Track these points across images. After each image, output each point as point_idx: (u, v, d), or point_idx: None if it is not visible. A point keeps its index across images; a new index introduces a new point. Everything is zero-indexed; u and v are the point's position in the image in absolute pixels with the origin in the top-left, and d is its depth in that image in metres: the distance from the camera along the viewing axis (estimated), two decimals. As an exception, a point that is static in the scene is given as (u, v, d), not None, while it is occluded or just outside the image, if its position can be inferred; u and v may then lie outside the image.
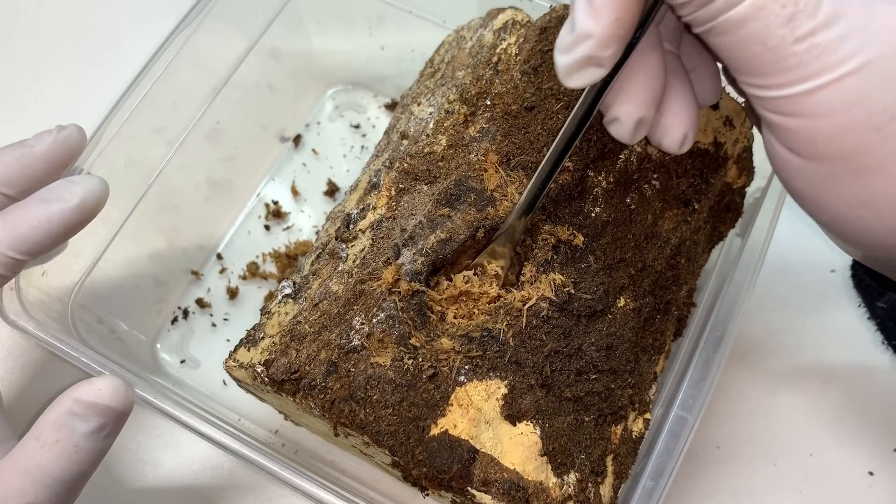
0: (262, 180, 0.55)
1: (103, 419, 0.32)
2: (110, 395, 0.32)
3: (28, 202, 0.36)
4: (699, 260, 0.42)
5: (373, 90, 0.58)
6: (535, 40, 0.40)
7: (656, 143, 0.33)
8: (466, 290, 0.36)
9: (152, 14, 0.60)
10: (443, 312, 0.36)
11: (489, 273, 0.36)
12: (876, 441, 0.48)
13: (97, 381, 0.33)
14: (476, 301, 0.36)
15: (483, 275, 0.36)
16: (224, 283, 0.52)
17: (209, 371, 0.49)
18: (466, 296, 0.36)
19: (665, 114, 0.32)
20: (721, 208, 0.43)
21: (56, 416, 0.32)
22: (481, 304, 0.36)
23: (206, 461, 0.47)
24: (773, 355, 0.50)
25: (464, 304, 0.36)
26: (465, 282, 0.36)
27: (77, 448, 0.32)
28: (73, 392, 0.32)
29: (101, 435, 0.33)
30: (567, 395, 0.36)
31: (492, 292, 0.36)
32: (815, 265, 0.52)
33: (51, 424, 0.32)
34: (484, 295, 0.36)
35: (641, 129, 0.31)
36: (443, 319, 0.36)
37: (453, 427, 0.34)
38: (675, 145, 0.32)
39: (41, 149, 0.37)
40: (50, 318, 0.41)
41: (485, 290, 0.36)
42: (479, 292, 0.36)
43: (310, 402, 0.35)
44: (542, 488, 0.34)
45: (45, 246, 0.36)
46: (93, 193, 0.36)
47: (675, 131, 0.32)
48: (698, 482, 0.47)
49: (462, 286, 0.36)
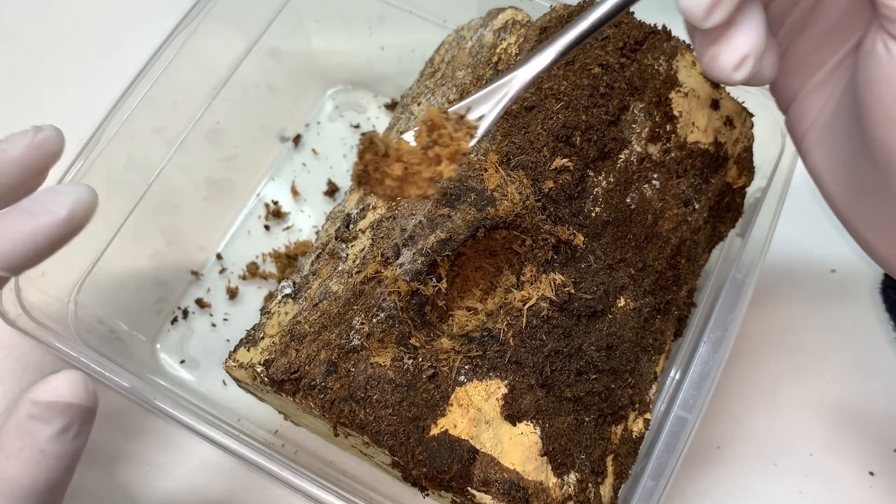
0: (262, 180, 0.55)
1: (66, 418, 0.30)
2: (69, 391, 0.30)
3: (11, 214, 0.32)
4: (699, 260, 0.42)
5: (373, 90, 0.58)
6: (535, 40, 0.40)
7: (708, 61, 0.29)
8: (438, 126, 0.29)
9: (152, 14, 0.60)
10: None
11: (467, 122, 0.30)
12: (876, 441, 0.48)
13: (52, 378, 0.30)
14: (442, 148, 0.29)
15: (460, 121, 0.30)
16: (224, 284, 0.52)
17: (209, 371, 0.49)
18: (434, 135, 0.29)
19: (731, 26, 0.28)
20: (721, 208, 0.43)
21: (16, 422, 0.30)
22: (446, 151, 0.29)
23: (205, 461, 0.47)
24: (774, 355, 0.50)
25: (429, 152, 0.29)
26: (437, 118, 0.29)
27: (44, 454, 0.29)
28: (30, 394, 0.30)
29: (67, 437, 0.30)
30: (567, 395, 0.36)
31: (463, 145, 0.29)
32: (815, 265, 0.52)
33: (12, 432, 0.29)
34: (452, 142, 0.29)
35: (719, 9, 0.27)
36: None
37: (453, 427, 0.34)
38: (730, 66, 0.29)
39: (16, 153, 0.33)
40: (50, 318, 0.41)
41: (456, 137, 0.29)
42: (449, 135, 0.29)
43: (310, 402, 0.35)
44: (543, 488, 0.34)
45: (31, 261, 0.32)
46: (81, 204, 0.32)
47: (736, 48, 0.28)
48: (698, 482, 0.47)
49: (435, 118, 0.29)
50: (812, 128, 0.33)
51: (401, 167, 0.29)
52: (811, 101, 0.33)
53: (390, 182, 0.29)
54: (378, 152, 0.28)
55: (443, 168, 0.29)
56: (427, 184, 0.29)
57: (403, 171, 0.29)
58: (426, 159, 0.29)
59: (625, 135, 0.39)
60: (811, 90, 0.33)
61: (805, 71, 0.33)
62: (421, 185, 0.29)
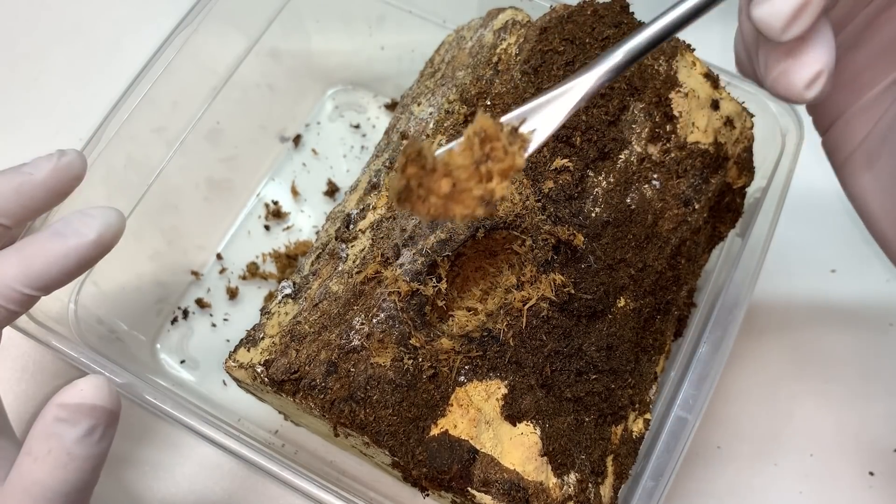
0: (262, 180, 0.55)
1: (92, 420, 0.31)
2: (94, 394, 0.31)
3: (43, 236, 0.34)
4: (699, 260, 0.42)
5: (373, 90, 0.58)
6: (535, 40, 0.40)
7: (776, 78, 0.27)
8: (491, 137, 0.26)
9: (152, 14, 0.60)
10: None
11: (521, 135, 0.27)
12: (876, 441, 0.48)
13: (79, 382, 0.31)
14: (495, 163, 0.26)
15: (513, 133, 0.26)
16: (224, 284, 0.52)
17: (209, 371, 0.49)
18: (487, 148, 0.26)
19: (803, 40, 0.26)
20: (721, 208, 0.43)
21: (43, 426, 0.31)
22: (499, 167, 0.26)
23: (205, 461, 0.47)
24: (774, 355, 0.50)
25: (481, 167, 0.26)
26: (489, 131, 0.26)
27: (71, 456, 0.30)
28: (56, 399, 0.31)
29: (93, 438, 0.31)
30: (567, 395, 0.36)
31: (518, 160, 0.26)
32: (815, 265, 0.52)
33: (40, 436, 0.30)
34: (506, 157, 0.26)
35: (800, 21, 0.25)
36: None
37: (453, 427, 0.34)
38: (802, 83, 0.27)
39: (40, 177, 0.35)
40: (50, 318, 0.41)
41: (511, 151, 0.26)
42: (503, 148, 0.26)
43: (310, 403, 0.35)
44: (543, 488, 0.34)
45: (61, 282, 0.34)
46: (110, 227, 0.34)
47: (810, 65, 0.26)
48: (699, 482, 0.47)
49: (489, 129, 0.26)
50: (860, 149, 0.32)
51: (449, 183, 0.25)
52: (860, 120, 0.31)
53: (435, 200, 0.26)
54: (425, 165, 0.25)
55: (494, 186, 0.26)
56: (476, 202, 0.26)
57: (451, 187, 0.25)
58: (477, 175, 0.26)
59: (625, 135, 0.39)
60: (861, 109, 0.31)
61: (856, 88, 0.31)
62: (469, 204, 0.26)
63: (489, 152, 0.26)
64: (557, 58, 0.39)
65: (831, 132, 0.33)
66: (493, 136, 0.26)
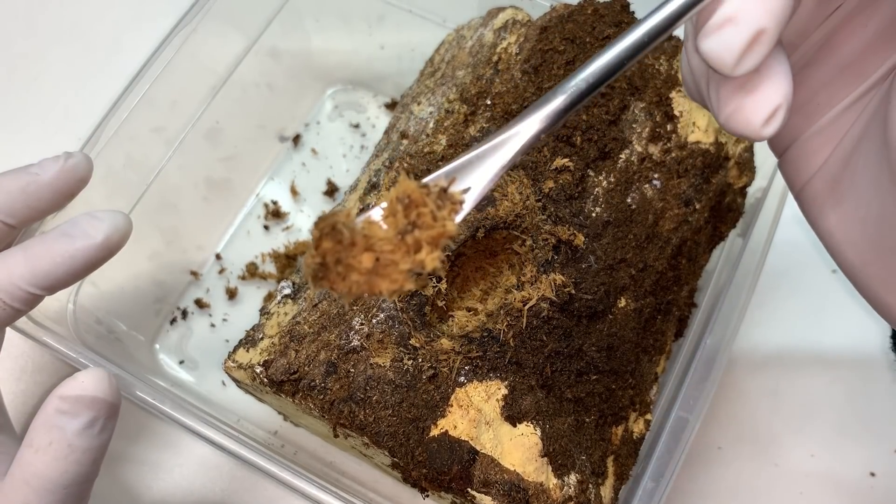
0: (262, 180, 0.55)
1: (93, 412, 0.31)
2: (95, 386, 0.31)
3: (50, 237, 0.34)
4: (700, 260, 0.42)
5: (372, 89, 0.58)
6: (535, 39, 0.40)
7: (729, 115, 0.25)
8: (416, 203, 0.23)
9: (151, 13, 0.60)
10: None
11: (452, 196, 0.23)
12: (877, 442, 0.48)
13: (80, 375, 0.32)
14: (423, 230, 0.23)
15: (443, 196, 0.23)
16: (223, 284, 0.51)
17: (208, 372, 0.49)
18: (413, 215, 0.23)
19: (758, 73, 0.24)
20: (722, 208, 0.43)
21: (45, 417, 0.31)
22: (427, 234, 0.23)
23: (204, 462, 0.47)
24: (775, 356, 0.50)
25: (406, 237, 0.23)
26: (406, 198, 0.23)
27: (72, 447, 0.31)
28: (57, 391, 0.31)
29: (94, 430, 0.31)
30: (568, 395, 0.36)
31: (449, 226, 0.23)
32: (816, 266, 0.52)
33: (41, 427, 0.31)
34: (435, 224, 0.23)
35: (753, 55, 0.23)
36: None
37: (453, 428, 0.34)
38: (759, 120, 0.24)
39: (47, 178, 0.35)
40: (48, 318, 0.41)
41: (440, 217, 0.23)
42: (431, 214, 0.23)
43: (309, 403, 0.35)
44: (543, 489, 0.34)
45: (66, 282, 0.34)
46: (117, 230, 0.35)
47: (767, 100, 0.24)
48: (699, 483, 0.47)
49: (413, 194, 0.23)
50: (819, 174, 0.29)
51: (371, 258, 0.23)
52: (817, 143, 0.29)
53: (356, 277, 0.23)
54: (342, 240, 0.22)
55: (424, 257, 0.23)
56: (404, 276, 0.23)
57: (374, 262, 0.23)
58: (403, 246, 0.23)
59: (625, 134, 0.39)
60: (818, 132, 0.29)
61: (811, 110, 0.29)
62: (396, 279, 0.23)
63: (415, 220, 0.23)
64: (558, 57, 0.39)
65: (787, 156, 0.30)
66: (418, 201, 0.23)
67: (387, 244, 0.23)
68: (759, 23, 0.22)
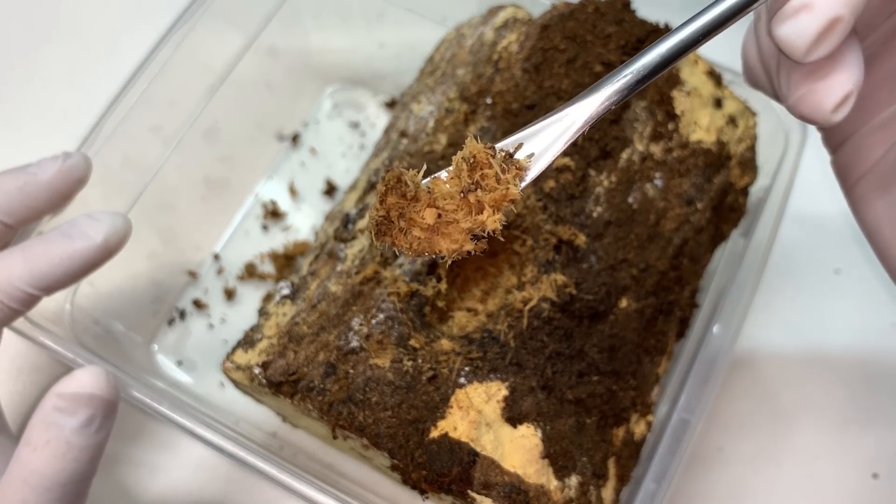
0: (260, 180, 0.55)
1: (90, 410, 0.31)
2: (93, 383, 0.31)
3: (49, 237, 0.34)
4: (702, 260, 0.42)
5: (372, 88, 0.58)
6: (536, 38, 0.39)
7: (799, 99, 0.25)
8: (481, 164, 0.24)
9: (149, 12, 0.60)
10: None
11: (517, 162, 0.24)
12: (880, 443, 0.47)
13: (77, 373, 0.31)
14: (486, 192, 0.24)
15: (508, 160, 0.24)
16: (221, 284, 0.51)
17: (206, 373, 0.49)
18: (477, 176, 0.24)
19: (831, 59, 0.24)
20: (724, 208, 0.43)
21: (42, 415, 0.31)
22: (491, 197, 0.24)
23: (202, 464, 0.47)
24: (777, 357, 0.50)
25: (469, 196, 0.24)
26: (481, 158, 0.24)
27: (69, 445, 0.31)
28: (55, 388, 0.31)
29: (91, 429, 0.31)
30: (568, 396, 0.36)
31: (512, 190, 0.24)
32: (818, 265, 0.52)
33: (38, 425, 0.31)
34: (499, 186, 0.24)
35: (827, 42, 0.23)
36: None
37: (453, 429, 0.34)
38: (830, 105, 0.25)
39: (45, 178, 0.35)
40: (46, 318, 0.41)
41: (504, 181, 0.24)
42: (495, 177, 0.24)
43: (308, 405, 0.34)
44: (544, 491, 0.34)
45: (63, 283, 0.34)
46: (116, 232, 0.35)
47: (839, 86, 0.24)
48: (701, 485, 0.46)
49: (478, 155, 0.24)
50: (872, 172, 0.29)
51: (433, 214, 0.23)
52: (872, 140, 0.29)
53: (418, 233, 0.24)
54: (406, 194, 0.23)
55: (485, 218, 0.23)
56: (464, 237, 0.24)
57: (436, 219, 0.23)
58: (466, 205, 0.24)
59: (627, 133, 0.39)
60: (875, 128, 0.29)
61: (870, 106, 0.29)
62: (456, 238, 0.24)
63: (479, 181, 0.24)
64: (559, 55, 0.38)
65: (841, 151, 0.30)
66: (483, 162, 0.23)
67: (450, 202, 0.23)
68: (835, 10, 0.23)
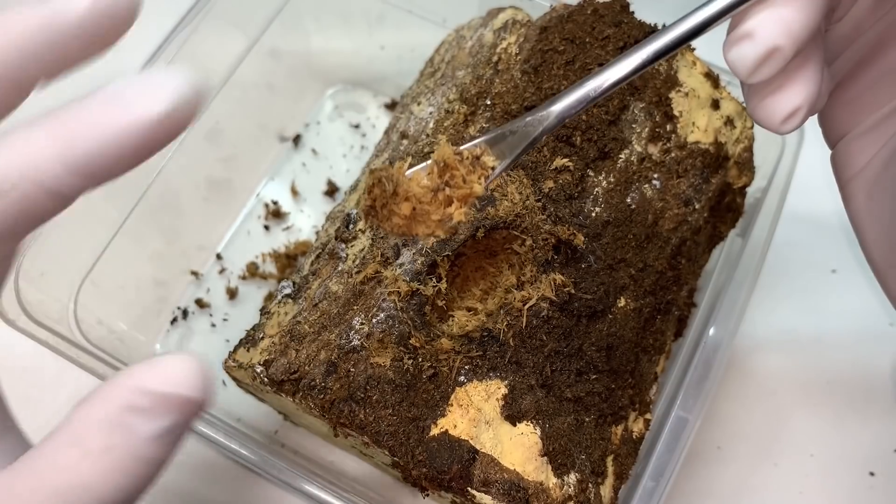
0: (262, 180, 0.55)
1: (177, 416, 0.21)
2: (186, 380, 0.22)
3: (86, 105, 0.23)
4: (700, 260, 0.42)
5: (372, 90, 0.58)
6: (535, 40, 0.40)
7: (754, 108, 0.27)
8: (450, 166, 0.28)
9: (151, 13, 0.60)
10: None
11: (483, 163, 0.28)
12: (877, 442, 0.48)
13: (164, 362, 0.22)
14: (454, 189, 0.28)
15: (475, 162, 0.28)
16: (223, 284, 0.51)
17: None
18: (446, 176, 0.28)
19: (784, 75, 0.26)
20: (722, 208, 0.43)
21: (108, 412, 0.21)
22: (458, 193, 0.28)
23: (204, 462, 0.47)
24: (774, 356, 0.50)
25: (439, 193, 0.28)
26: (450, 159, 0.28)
27: (138, 459, 0.21)
28: (132, 378, 0.22)
29: (169, 440, 0.22)
30: (567, 395, 0.36)
31: (476, 188, 0.28)
32: (815, 265, 0.52)
33: (98, 424, 0.21)
34: (464, 185, 0.28)
35: (766, 68, 0.25)
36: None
37: (453, 427, 0.34)
38: (778, 117, 0.26)
39: (76, 13, 0.24)
40: (49, 318, 0.41)
41: (469, 180, 0.28)
42: (461, 177, 0.28)
43: (309, 403, 0.35)
44: (543, 489, 0.34)
45: (111, 172, 0.24)
46: (183, 98, 0.22)
47: (787, 100, 0.26)
48: (699, 483, 0.47)
49: (448, 159, 0.28)
50: (861, 174, 0.30)
51: (409, 206, 0.28)
52: (862, 143, 0.30)
53: (398, 220, 0.28)
54: (386, 190, 0.28)
55: (453, 211, 0.28)
56: (436, 224, 0.28)
57: (412, 210, 0.28)
58: (436, 200, 0.28)
59: (625, 134, 0.39)
60: (863, 131, 0.30)
61: (858, 108, 0.30)
62: (429, 225, 0.28)
63: (448, 180, 0.28)
64: (558, 57, 0.39)
65: (836, 150, 0.31)
66: (452, 165, 0.28)
67: (423, 197, 0.28)
68: (775, 41, 0.24)
